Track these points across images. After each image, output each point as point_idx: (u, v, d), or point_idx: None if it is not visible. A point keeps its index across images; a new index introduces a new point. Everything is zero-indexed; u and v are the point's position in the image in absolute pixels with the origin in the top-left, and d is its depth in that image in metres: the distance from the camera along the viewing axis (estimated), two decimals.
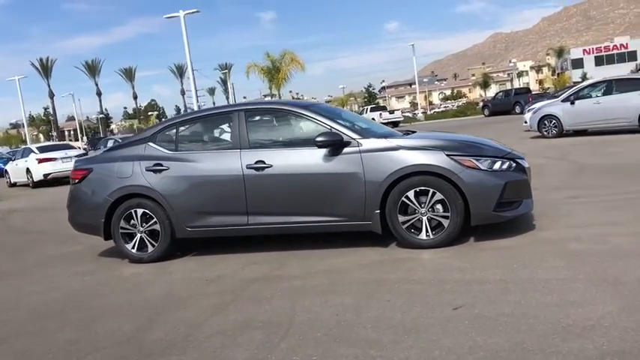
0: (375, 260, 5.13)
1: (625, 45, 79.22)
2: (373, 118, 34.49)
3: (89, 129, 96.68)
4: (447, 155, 5.20)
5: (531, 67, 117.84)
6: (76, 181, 6.28)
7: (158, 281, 5.30)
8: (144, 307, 4.54)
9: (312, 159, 5.49)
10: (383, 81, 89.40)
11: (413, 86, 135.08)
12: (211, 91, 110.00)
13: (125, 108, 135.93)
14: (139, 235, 5.98)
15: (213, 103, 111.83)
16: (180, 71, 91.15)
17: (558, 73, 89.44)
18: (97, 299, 4.92)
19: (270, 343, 3.46)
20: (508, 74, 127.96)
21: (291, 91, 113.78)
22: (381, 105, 53.95)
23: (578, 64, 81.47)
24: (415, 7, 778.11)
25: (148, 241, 5.96)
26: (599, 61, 78.65)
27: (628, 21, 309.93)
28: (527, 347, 2.99)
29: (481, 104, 51.80)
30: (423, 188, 5.22)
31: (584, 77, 60.74)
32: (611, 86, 15.21)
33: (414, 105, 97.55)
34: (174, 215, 5.83)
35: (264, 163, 5.56)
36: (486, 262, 4.67)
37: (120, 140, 24.77)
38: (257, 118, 6.02)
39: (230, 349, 3.45)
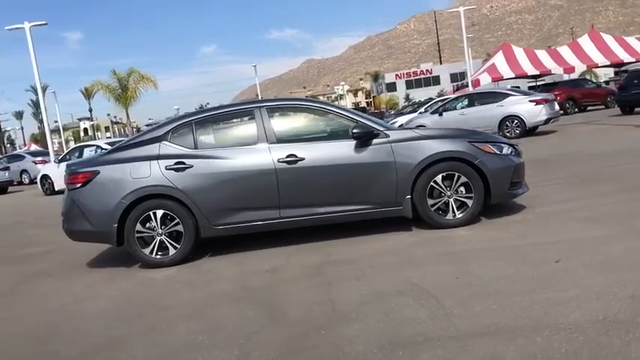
0: (417, 240, 5.53)
1: (430, 70, 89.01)
2: None
3: None
4: (469, 142, 5.82)
5: (348, 91, 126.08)
6: (78, 185, 5.77)
7: (208, 280, 5.13)
8: (234, 299, 4.43)
9: (344, 151, 5.75)
10: (208, 103, 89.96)
11: None
12: (19, 115, 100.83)
13: None
14: (158, 238, 5.69)
15: (22, 128, 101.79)
16: None
17: (374, 96, 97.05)
18: (161, 301, 4.63)
19: (429, 304, 3.70)
20: (327, 97, 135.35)
21: (109, 114, 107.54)
22: None
23: (392, 87, 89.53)
24: (230, 31, 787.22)
25: (169, 243, 5.70)
26: (409, 85, 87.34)
27: (422, 50, 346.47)
28: None
29: None
30: (449, 173, 5.76)
31: (407, 97, 67.17)
32: (472, 99, 17.36)
33: None
34: (200, 214, 5.66)
35: (296, 157, 5.69)
36: (527, 231, 5.34)
37: None
38: (280, 113, 6.10)
39: (398, 312, 3.63)
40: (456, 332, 3.19)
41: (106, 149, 16.66)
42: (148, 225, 5.69)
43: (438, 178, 5.75)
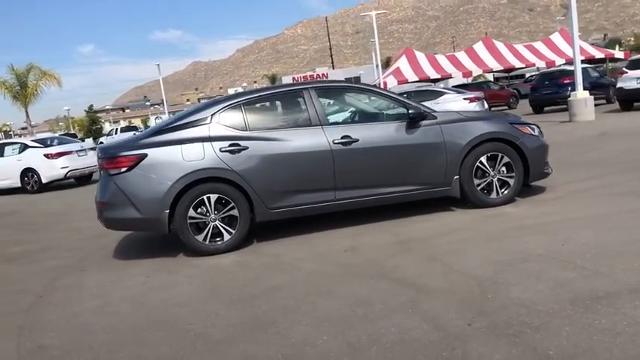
0: (477, 218, 5.65)
1: (326, 75, 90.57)
2: None
3: None
4: (510, 123, 6.07)
5: None
6: (123, 169, 5.32)
7: (288, 262, 4.90)
8: (345, 275, 4.32)
9: (395, 132, 5.79)
10: (91, 105, 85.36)
11: (127, 110, 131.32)
12: None
13: None
14: (211, 224, 5.40)
15: None
16: None
17: None
18: (260, 283, 4.38)
19: (566, 267, 3.83)
20: None
21: None
22: (132, 125, 51.55)
23: None
24: (109, 31, 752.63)
25: (224, 228, 5.43)
26: None
27: (309, 56, 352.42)
28: None
29: None
30: (493, 153, 5.97)
31: None
32: (410, 97, 17.90)
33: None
34: (256, 197, 5.45)
35: (351, 138, 5.64)
36: (576, 205, 5.66)
37: None
38: (328, 95, 6.02)
39: (543, 275, 3.73)
40: (631, 286, 3.35)
41: (36, 146, 15.46)
42: (199, 210, 5.38)
43: (483, 158, 5.94)
